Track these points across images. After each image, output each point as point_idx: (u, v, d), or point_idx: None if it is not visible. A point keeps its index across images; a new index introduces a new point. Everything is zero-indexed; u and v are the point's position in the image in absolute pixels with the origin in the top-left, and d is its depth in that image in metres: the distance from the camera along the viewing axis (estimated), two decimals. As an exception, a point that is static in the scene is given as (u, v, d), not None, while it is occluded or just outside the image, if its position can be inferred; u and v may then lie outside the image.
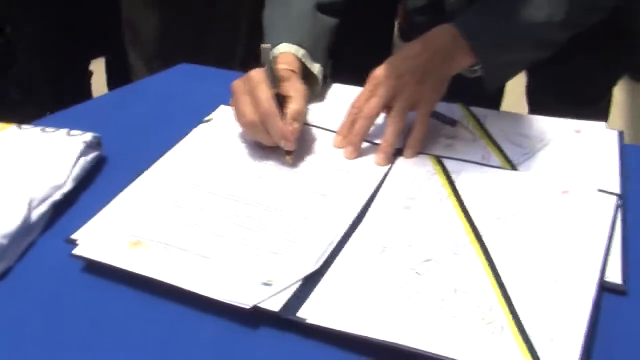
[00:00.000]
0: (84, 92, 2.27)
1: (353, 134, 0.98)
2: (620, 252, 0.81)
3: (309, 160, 0.96)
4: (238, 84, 0.97)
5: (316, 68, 1.07)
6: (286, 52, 1.03)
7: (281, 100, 0.95)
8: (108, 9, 1.96)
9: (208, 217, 0.85)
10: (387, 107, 0.98)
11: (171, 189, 0.90)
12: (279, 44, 1.03)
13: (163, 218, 0.85)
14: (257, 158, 0.96)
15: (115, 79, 2.23)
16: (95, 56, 2.34)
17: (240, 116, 0.96)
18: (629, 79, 2.57)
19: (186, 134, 1.01)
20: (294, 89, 0.97)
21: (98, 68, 2.33)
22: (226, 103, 1.07)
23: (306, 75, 1.05)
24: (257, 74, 0.96)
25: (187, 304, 0.75)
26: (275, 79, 0.96)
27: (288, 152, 0.95)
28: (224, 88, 1.12)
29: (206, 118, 1.05)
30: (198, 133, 1.02)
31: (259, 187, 0.91)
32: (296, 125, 0.95)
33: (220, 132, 1.02)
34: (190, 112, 1.06)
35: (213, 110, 1.07)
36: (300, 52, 1.03)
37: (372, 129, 0.99)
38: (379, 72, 0.99)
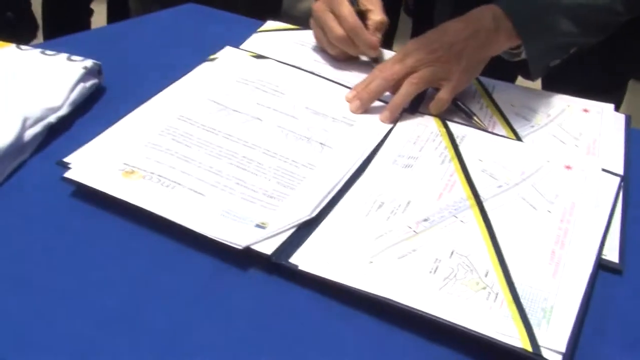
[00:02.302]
0: (83, 29, 2.24)
1: (365, 90, 0.96)
2: (619, 233, 0.80)
3: (313, 109, 0.94)
4: (319, 4, 1.04)
5: None
6: None
7: (360, 14, 1.03)
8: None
9: (205, 154, 0.83)
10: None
11: (170, 122, 0.87)
12: None
13: (159, 151, 0.83)
14: (260, 100, 0.94)
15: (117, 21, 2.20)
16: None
17: (328, 32, 1.03)
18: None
19: (189, 71, 0.98)
20: (371, 2, 1.05)
21: (100, 10, 2.30)
22: (232, 44, 1.06)
23: None
24: None
25: (177, 238, 0.74)
26: None
27: (376, 60, 1.05)
28: (230, 29, 1.11)
29: (211, 56, 1.02)
30: (202, 70, 0.99)
31: (259, 129, 0.89)
32: (379, 35, 1.03)
33: (224, 71, 0.99)
34: (195, 50, 1.03)
35: (218, 50, 1.04)
36: None
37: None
38: (413, 43, 0.97)
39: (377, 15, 1.04)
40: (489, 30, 0.95)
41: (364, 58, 1.07)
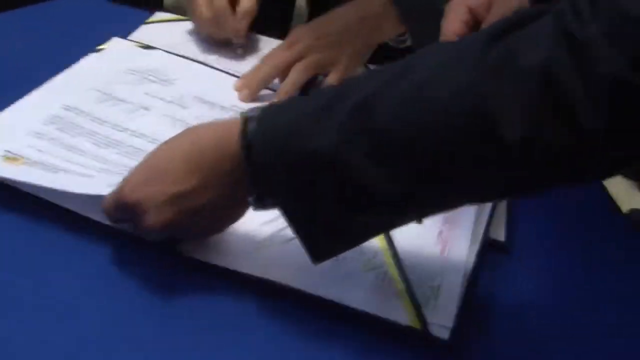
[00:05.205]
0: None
1: (254, 78, 0.96)
2: (505, 212, 0.82)
3: (202, 98, 0.94)
4: None
5: None
6: None
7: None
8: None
9: (91, 144, 0.82)
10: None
11: (54, 112, 0.85)
12: None
13: (42, 140, 0.81)
14: (148, 90, 0.93)
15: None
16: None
17: (196, 13, 1.02)
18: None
19: (76, 62, 0.96)
20: None
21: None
22: (120, 35, 1.04)
23: None
24: None
25: (66, 223, 0.72)
26: None
27: (241, 46, 1.05)
28: (118, 21, 1.10)
29: (98, 47, 1.00)
30: (88, 61, 0.97)
31: (147, 119, 0.88)
32: (244, 23, 1.01)
33: (111, 61, 0.97)
34: (82, 41, 1.01)
35: (106, 41, 1.02)
36: None
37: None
38: (300, 30, 0.98)
39: (247, 2, 1.02)
40: (378, 16, 0.97)
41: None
